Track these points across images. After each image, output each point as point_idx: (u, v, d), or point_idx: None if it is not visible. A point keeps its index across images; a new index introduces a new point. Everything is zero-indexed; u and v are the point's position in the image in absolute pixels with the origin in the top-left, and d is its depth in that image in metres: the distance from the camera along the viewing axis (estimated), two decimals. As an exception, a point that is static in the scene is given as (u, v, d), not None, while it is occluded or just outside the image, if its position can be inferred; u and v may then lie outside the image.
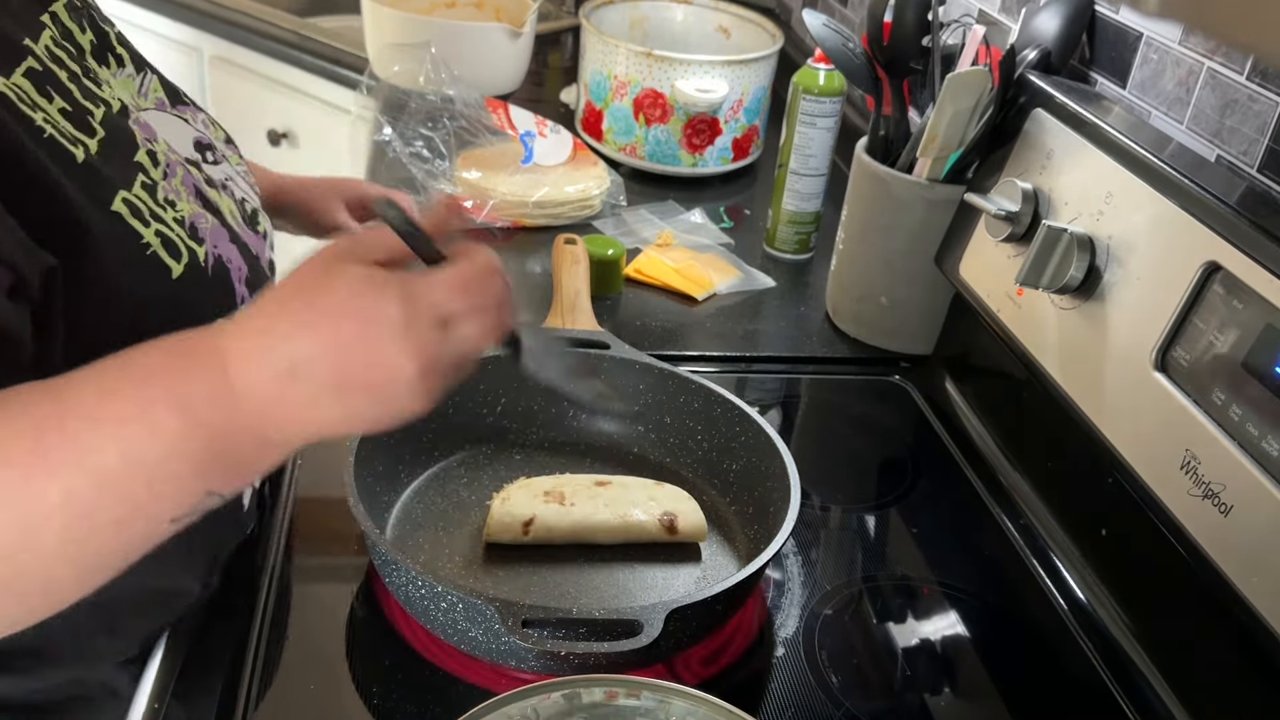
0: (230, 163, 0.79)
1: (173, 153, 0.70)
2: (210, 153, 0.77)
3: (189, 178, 0.69)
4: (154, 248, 0.62)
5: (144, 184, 0.64)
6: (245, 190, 0.79)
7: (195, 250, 0.65)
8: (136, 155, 0.65)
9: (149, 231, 0.62)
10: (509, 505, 0.81)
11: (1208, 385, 0.71)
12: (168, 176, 0.66)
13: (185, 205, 0.67)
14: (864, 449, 1.02)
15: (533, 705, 0.60)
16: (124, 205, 0.61)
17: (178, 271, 0.63)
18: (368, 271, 0.55)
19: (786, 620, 0.80)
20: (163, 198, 0.65)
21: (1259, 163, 0.80)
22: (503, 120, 1.36)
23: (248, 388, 0.52)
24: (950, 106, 0.95)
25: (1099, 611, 0.82)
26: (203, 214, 0.68)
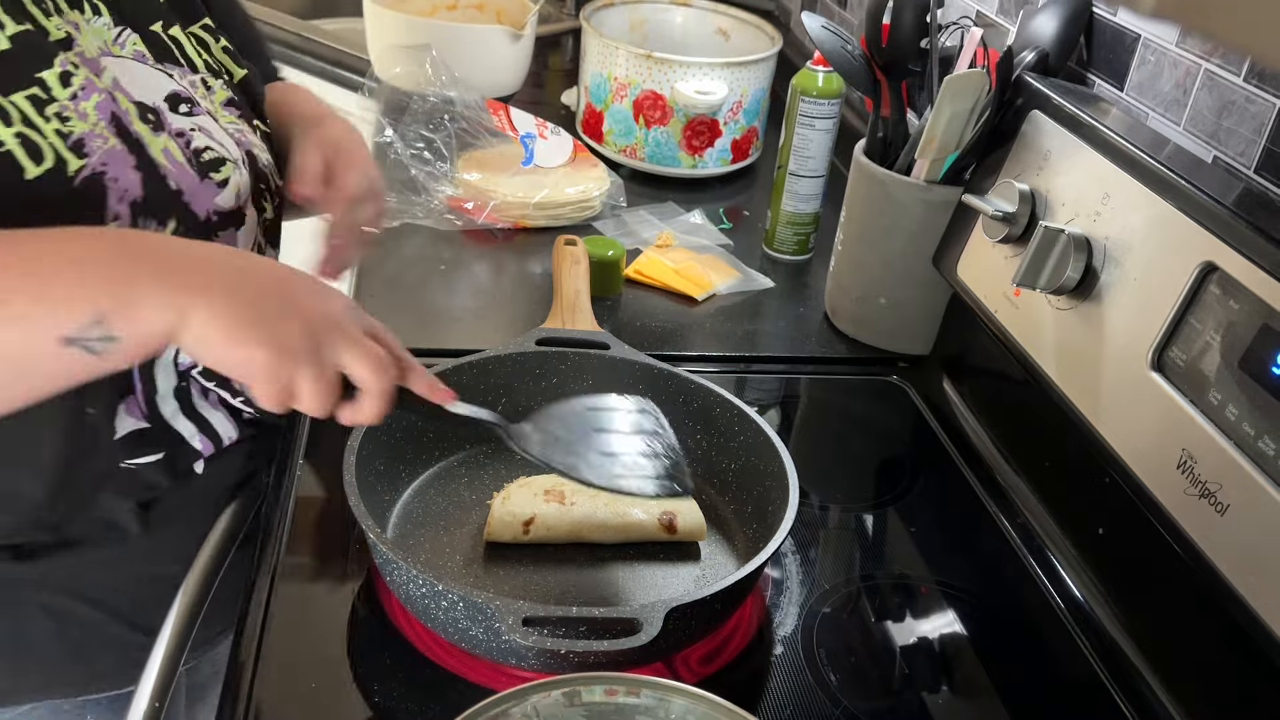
0: (216, 118, 0.82)
1: (118, 89, 0.74)
2: (187, 105, 0.79)
3: (107, 105, 0.72)
4: (9, 147, 0.66)
5: (32, 96, 0.67)
6: (219, 144, 0.80)
7: (66, 159, 0.68)
8: (43, 72, 0.68)
9: (8, 132, 0.66)
10: (509, 505, 0.81)
11: (1204, 385, 0.71)
12: (77, 99, 0.70)
13: (81, 124, 0.70)
14: (862, 449, 1.03)
15: (533, 704, 0.60)
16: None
17: (33, 173, 0.66)
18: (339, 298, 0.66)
19: (785, 619, 0.80)
20: (53, 112, 0.68)
21: (1256, 164, 0.81)
22: (503, 122, 1.37)
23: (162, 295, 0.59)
24: (948, 108, 0.95)
25: (1096, 610, 0.82)
26: (104, 136, 0.71)
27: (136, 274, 0.59)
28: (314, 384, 0.63)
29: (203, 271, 0.61)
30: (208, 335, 0.60)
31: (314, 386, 0.63)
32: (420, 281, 1.17)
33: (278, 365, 0.61)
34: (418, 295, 1.14)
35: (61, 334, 0.57)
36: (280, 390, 0.62)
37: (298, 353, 0.62)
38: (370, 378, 0.65)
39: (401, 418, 0.84)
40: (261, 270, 0.64)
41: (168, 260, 0.61)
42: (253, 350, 0.60)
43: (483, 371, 0.89)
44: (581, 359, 0.93)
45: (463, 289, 1.17)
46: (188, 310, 0.59)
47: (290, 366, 0.62)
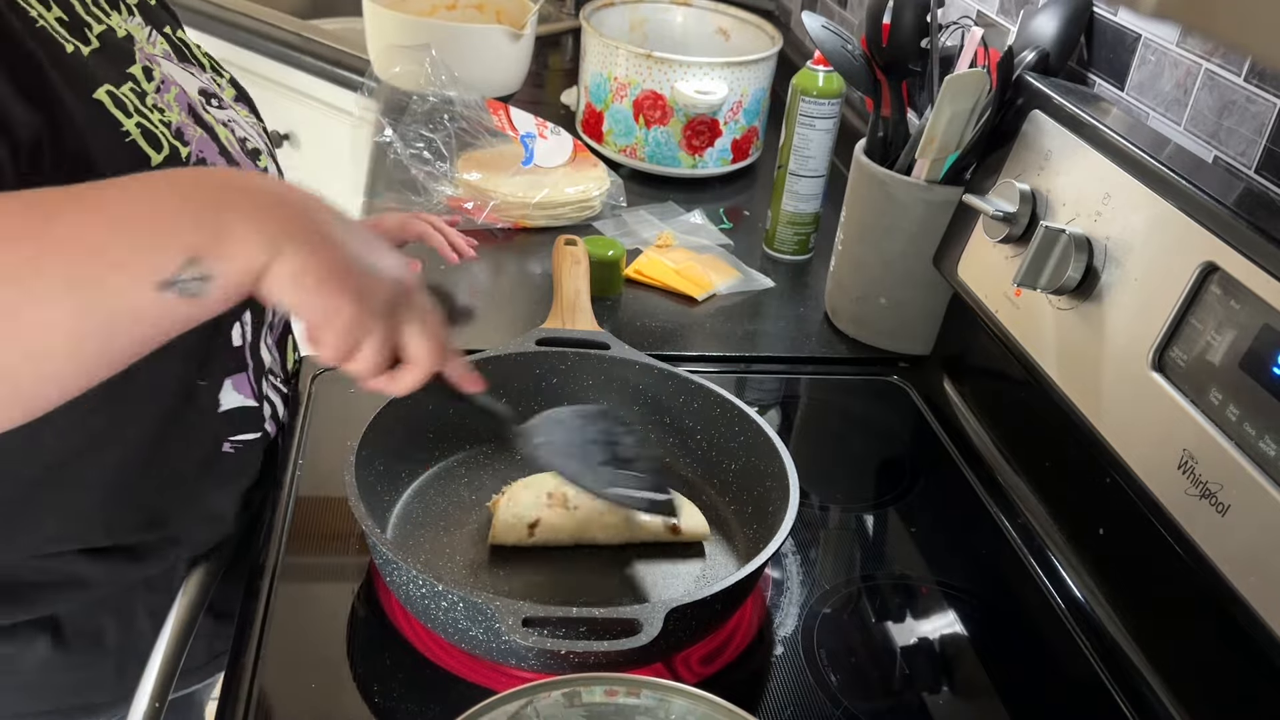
0: (237, 113, 0.85)
1: (174, 82, 0.77)
2: (216, 100, 0.83)
3: (184, 97, 0.76)
4: (133, 136, 0.67)
5: (133, 89, 0.70)
6: (252, 135, 0.84)
7: (178, 147, 0.71)
8: (131, 68, 0.71)
9: (130, 122, 0.67)
10: (513, 509, 0.81)
11: (1205, 385, 0.71)
12: (161, 91, 0.73)
13: (174, 115, 0.72)
14: (863, 449, 1.03)
15: (533, 704, 0.60)
16: (107, 96, 0.67)
17: (156, 160, 0.68)
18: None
19: (785, 619, 0.80)
20: (150, 104, 0.71)
21: (1256, 164, 0.81)
22: (503, 122, 1.37)
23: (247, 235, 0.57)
24: (949, 108, 0.95)
25: (1096, 610, 0.82)
26: (192, 126, 0.74)
27: (226, 209, 0.56)
28: (378, 348, 0.62)
29: (295, 210, 0.58)
30: (300, 276, 0.57)
31: (377, 350, 0.62)
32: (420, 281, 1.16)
33: (358, 321, 0.60)
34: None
35: (159, 278, 0.54)
36: (350, 345, 0.61)
37: (376, 313, 0.61)
38: (425, 356, 0.64)
39: (402, 417, 0.84)
40: (345, 221, 0.62)
41: (259, 196, 0.58)
42: (340, 300, 0.58)
43: (483, 371, 0.88)
44: (581, 359, 0.93)
45: (463, 289, 1.17)
46: (283, 248, 0.56)
47: (368, 325, 0.60)
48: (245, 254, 0.55)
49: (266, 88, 1.85)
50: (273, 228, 0.56)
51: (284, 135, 1.89)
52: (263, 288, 0.57)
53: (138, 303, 0.54)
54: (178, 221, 0.54)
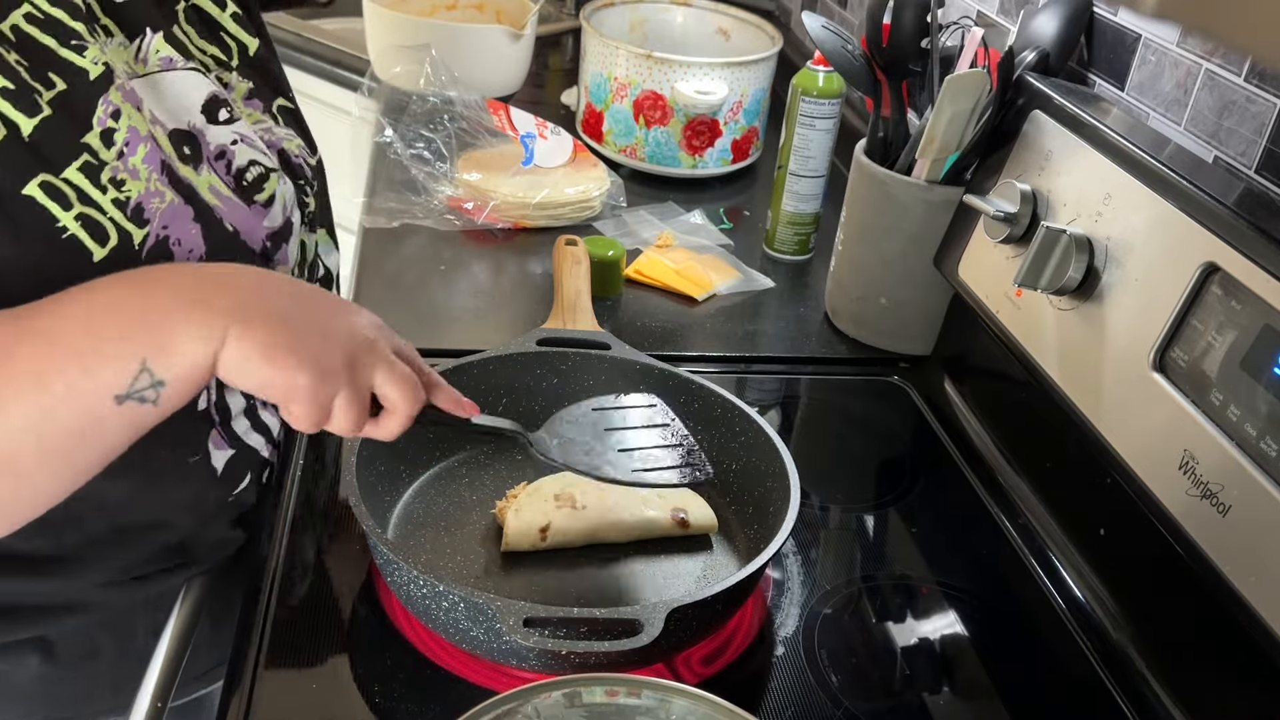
0: (247, 120, 0.80)
1: (156, 124, 0.71)
2: (225, 109, 0.77)
3: (155, 154, 0.69)
4: (72, 231, 0.64)
5: (85, 164, 0.65)
6: (256, 151, 0.78)
7: (130, 233, 0.67)
8: (86, 136, 0.65)
9: (68, 216, 0.64)
10: (523, 515, 0.81)
11: (1206, 386, 0.71)
12: (124, 155, 0.67)
13: (137, 185, 0.67)
14: (863, 449, 1.03)
15: (533, 704, 0.60)
16: (39, 189, 0.63)
17: (99, 255, 0.65)
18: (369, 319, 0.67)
19: (786, 619, 0.80)
20: (107, 179, 0.66)
21: (1257, 164, 0.81)
22: (503, 122, 1.37)
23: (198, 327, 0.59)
24: (949, 108, 0.95)
25: (1097, 611, 0.82)
26: (160, 193, 0.69)
27: (169, 311, 0.58)
28: (349, 405, 0.63)
29: (234, 295, 0.60)
30: (248, 360, 0.59)
31: (349, 408, 0.63)
32: (420, 281, 1.17)
33: (319, 387, 0.61)
34: (418, 295, 1.14)
35: (114, 393, 0.57)
36: (319, 411, 0.62)
37: (337, 374, 0.62)
38: (400, 399, 0.66)
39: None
40: (290, 289, 0.64)
41: (196, 289, 0.60)
42: (294, 373, 0.60)
43: (483, 371, 0.89)
44: (582, 359, 0.93)
45: (463, 289, 1.17)
46: (226, 336, 0.59)
47: (330, 388, 0.62)
48: (193, 352, 0.58)
49: (266, 88, 1.85)
50: (212, 319, 0.59)
51: (284, 135, 1.89)
52: (220, 375, 0.60)
53: (99, 416, 0.57)
54: (122, 336, 0.57)
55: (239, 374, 0.60)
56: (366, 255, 1.20)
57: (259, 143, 0.80)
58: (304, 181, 0.86)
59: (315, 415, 0.62)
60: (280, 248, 0.81)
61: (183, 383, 0.59)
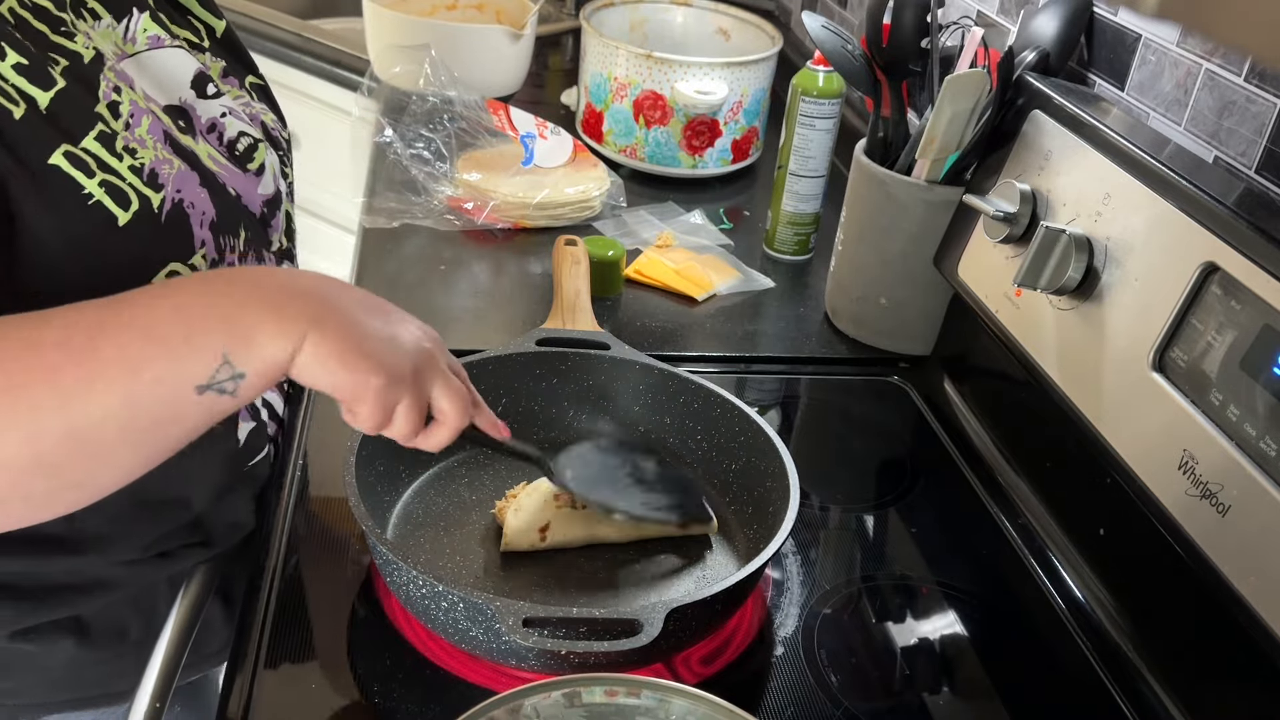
0: (229, 95, 0.83)
1: (150, 100, 0.74)
2: (211, 84, 0.80)
3: (157, 125, 0.72)
4: (97, 197, 0.66)
5: (100, 134, 0.67)
6: (243, 123, 0.82)
7: (149, 196, 0.69)
8: (96, 107, 0.68)
9: (92, 183, 0.66)
10: (523, 515, 0.81)
11: (1205, 385, 0.71)
12: (130, 126, 0.70)
13: (147, 153, 0.70)
14: (863, 449, 1.03)
15: (533, 704, 0.60)
16: (64, 158, 0.65)
17: (124, 219, 0.67)
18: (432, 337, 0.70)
19: (786, 620, 0.80)
20: (121, 146, 0.68)
21: (1257, 164, 0.81)
22: (503, 122, 1.37)
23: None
24: (949, 108, 0.95)
25: (1097, 611, 0.82)
26: (169, 160, 0.71)
27: (253, 310, 0.60)
28: (410, 411, 0.66)
29: (311, 298, 0.62)
30: (324, 361, 0.61)
31: (410, 414, 0.66)
32: (420, 281, 1.17)
33: (387, 391, 0.64)
34: (418, 295, 1.14)
35: (196, 383, 0.59)
36: (383, 414, 0.65)
37: (404, 381, 0.65)
38: (453, 412, 0.69)
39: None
40: (360, 297, 0.66)
41: (276, 292, 0.62)
42: (368, 375, 0.62)
43: (483, 371, 0.89)
44: (582, 359, 0.93)
45: (463, 289, 1.17)
46: (306, 336, 0.61)
47: (398, 393, 0.64)
48: (272, 348, 0.60)
49: (266, 88, 1.85)
50: (294, 319, 0.61)
51: (284, 135, 1.89)
52: (293, 373, 0.61)
53: (181, 406, 0.59)
54: (207, 329, 0.59)
55: (314, 373, 0.62)
56: (366, 255, 1.20)
57: (244, 115, 0.83)
58: (283, 153, 0.89)
59: (379, 417, 0.65)
60: (275, 214, 0.85)
61: (260, 377, 0.60)
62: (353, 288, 0.68)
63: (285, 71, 1.81)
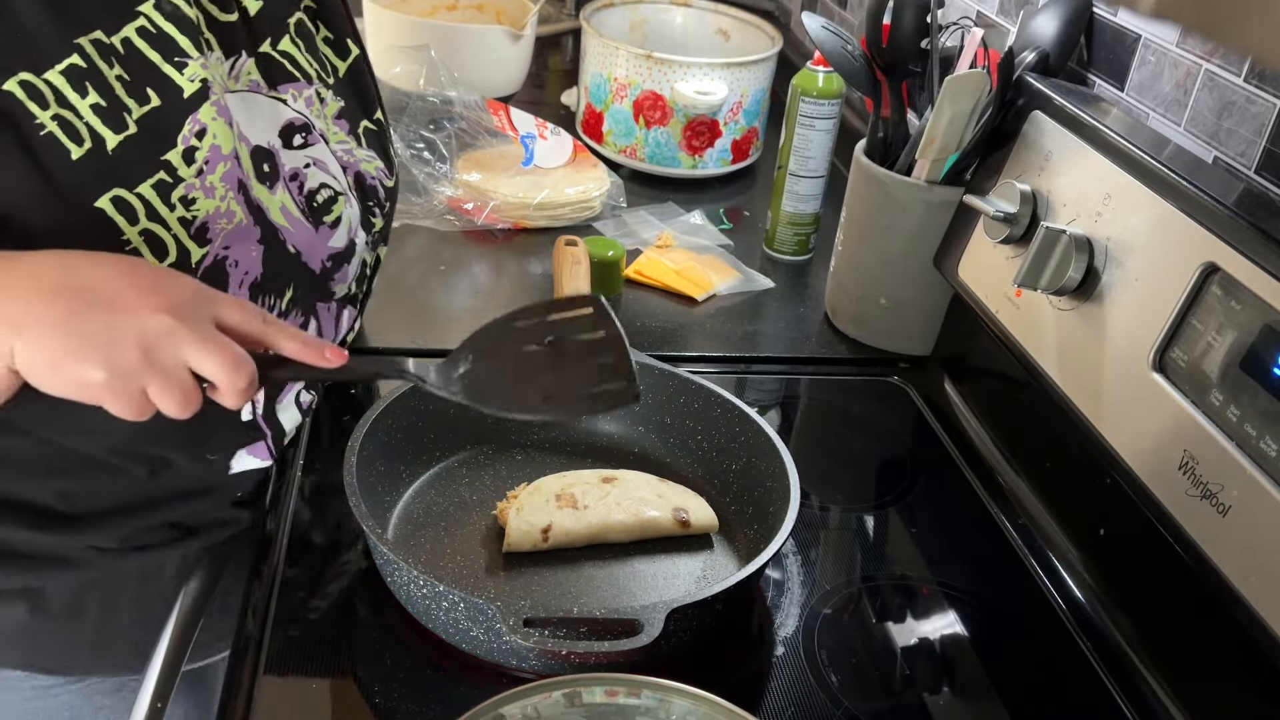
0: (330, 142, 0.82)
1: (243, 139, 0.73)
2: (302, 134, 0.78)
3: (234, 173, 0.71)
4: (134, 244, 0.66)
5: (159, 182, 0.67)
6: (327, 175, 0.81)
7: (189, 250, 0.68)
8: (166, 154, 0.67)
9: (133, 230, 0.65)
10: (525, 515, 0.81)
11: (1206, 386, 0.71)
12: (203, 173, 0.69)
13: (209, 204, 0.69)
14: (863, 449, 1.03)
15: (533, 704, 0.60)
16: (111, 203, 0.65)
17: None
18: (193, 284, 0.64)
19: (786, 620, 0.80)
20: (177, 197, 0.67)
21: (1256, 164, 0.81)
22: (503, 122, 1.37)
23: None
24: (949, 108, 0.95)
25: (1097, 611, 0.82)
26: (231, 212, 0.71)
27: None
28: (165, 392, 0.60)
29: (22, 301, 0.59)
30: (38, 370, 0.59)
31: (166, 394, 0.61)
32: (420, 281, 1.16)
33: (120, 384, 0.59)
34: (418, 295, 1.14)
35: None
36: (134, 404, 0.60)
37: (135, 367, 0.59)
38: (218, 371, 0.61)
39: (403, 418, 0.84)
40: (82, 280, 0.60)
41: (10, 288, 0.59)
42: (85, 376, 0.59)
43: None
44: (582, 359, 0.92)
45: (463, 289, 1.17)
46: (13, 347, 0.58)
47: (134, 381, 0.60)
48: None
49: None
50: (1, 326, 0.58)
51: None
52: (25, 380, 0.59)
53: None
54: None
55: (39, 381, 0.59)
56: (366, 255, 1.20)
57: (333, 165, 0.82)
58: (374, 203, 0.88)
59: (130, 409, 0.60)
60: (341, 267, 0.83)
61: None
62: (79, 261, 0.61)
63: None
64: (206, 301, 0.63)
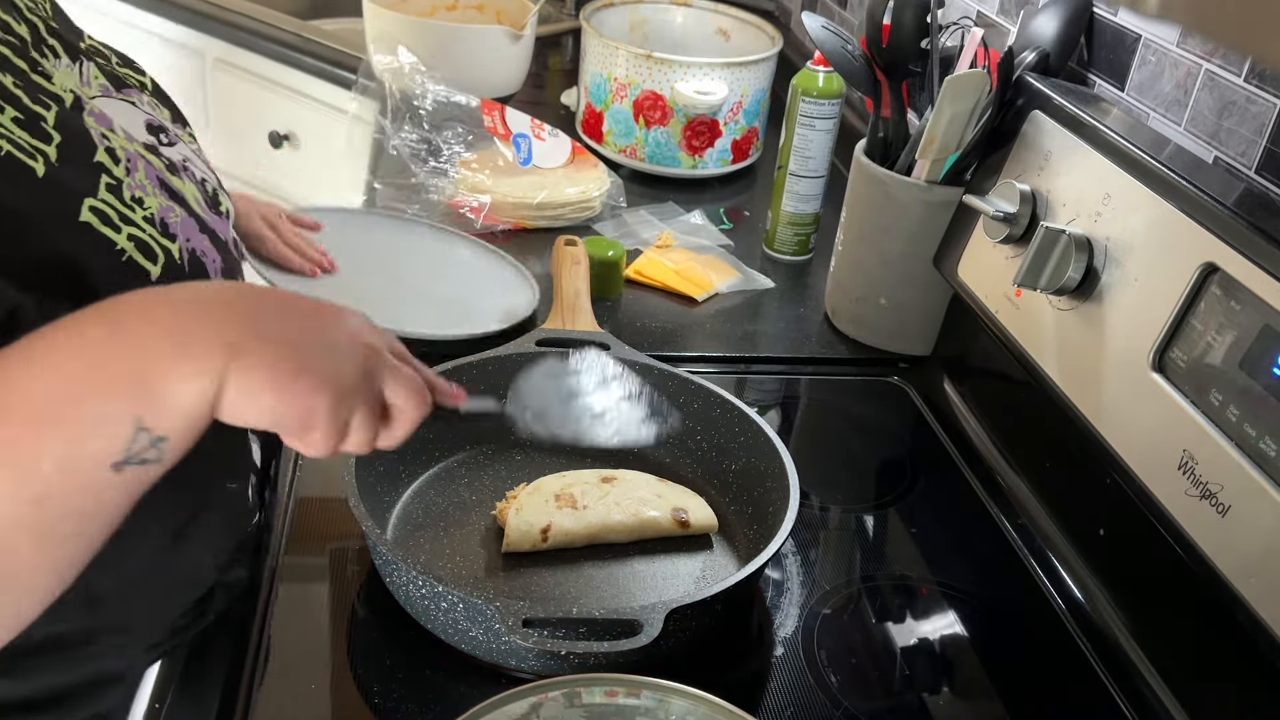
0: (184, 142, 0.76)
1: (130, 141, 0.67)
2: (163, 134, 0.73)
3: (151, 169, 0.67)
4: (129, 252, 0.61)
5: (108, 185, 0.62)
6: (203, 169, 0.76)
7: (169, 247, 0.64)
8: (96, 155, 0.62)
9: (121, 237, 0.60)
10: (524, 515, 0.81)
11: (1205, 386, 0.71)
12: (130, 172, 0.64)
13: (152, 201, 0.65)
14: (863, 449, 1.03)
15: (533, 704, 0.60)
16: (92, 214, 0.60)
17: (155, 273, 0.62)
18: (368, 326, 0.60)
19: (785, 620, 0.80)
20: (129, 196, 0.63)
21: (1256, 164, 0.81)
22: (495, 122, 1.36)
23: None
24: (949, 108, 0.95)
25: (1097, 611, 0.82)
26: (171, 207, 0.66)
27: (155, 355, 0.51)
28: (366, 421, 0.57)
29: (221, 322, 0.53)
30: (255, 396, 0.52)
31: (366, 424, 0.57)
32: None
33: (338, 408, 0.55)
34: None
35: (110, 461, 0.50)
36: (338, 434, 0.56)
37: (354, 389, 0.56)
38: (409, 405, 0.60)
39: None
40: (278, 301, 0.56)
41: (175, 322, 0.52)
42: (312, 399, 0.54)
43: (483, 371, 0.89)
44: (582, 359, 0.92)
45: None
46: (228, 370, 0.51)
47: (349, 406, 0.56)
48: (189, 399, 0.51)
49: (267, 88, 1.85)
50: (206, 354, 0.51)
51: (284, 136, 1.89)
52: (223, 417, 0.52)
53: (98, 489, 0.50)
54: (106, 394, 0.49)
55: (245, 412, 0.52)
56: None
57: (200, 161, 0.76)
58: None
59: (334, 439, 0.56)
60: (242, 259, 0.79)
61: (184, 434, 0.52)
62: (267, 291, 0.58)
63: (285, 71, 1.81)
64: (383, 333, 0.61)
